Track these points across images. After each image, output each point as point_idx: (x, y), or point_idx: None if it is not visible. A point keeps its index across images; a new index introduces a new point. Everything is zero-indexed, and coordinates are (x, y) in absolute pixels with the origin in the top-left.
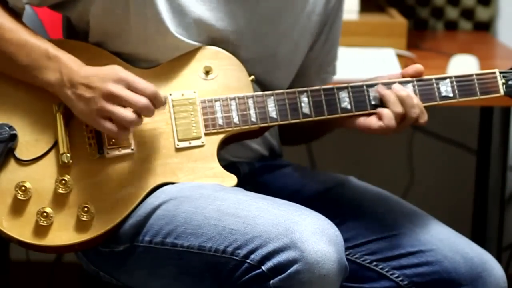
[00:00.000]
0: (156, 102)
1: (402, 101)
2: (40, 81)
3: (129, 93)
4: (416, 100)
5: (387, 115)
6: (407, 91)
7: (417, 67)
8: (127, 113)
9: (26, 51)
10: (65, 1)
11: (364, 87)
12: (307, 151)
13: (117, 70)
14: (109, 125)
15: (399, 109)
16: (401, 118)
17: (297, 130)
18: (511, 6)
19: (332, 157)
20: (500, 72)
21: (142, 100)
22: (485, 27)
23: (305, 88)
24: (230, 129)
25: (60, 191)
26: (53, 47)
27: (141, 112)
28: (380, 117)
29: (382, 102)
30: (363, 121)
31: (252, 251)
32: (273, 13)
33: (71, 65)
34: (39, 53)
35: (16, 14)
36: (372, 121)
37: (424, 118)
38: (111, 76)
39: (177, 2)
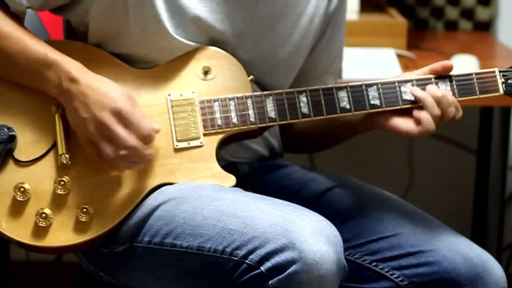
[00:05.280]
0: (147, 141)
1: (438, 102)
2: (39, 87)
3: (120, 132)
4: (451, 98)
5: (426, 119)
6: (443, 90)
7: (445, 63)
8: (110, 152)
9: (25, 57)
10: (65, 4)
11: (363, 87)
12: None
13: (116, 98)
14: (93, 151)
15: (437, 111)
16: (440, 119)
17: (315, 135)
18: (511, 6)
19: (332, 157)
20: (500, 71)
21: (130, 143)
22: (485, 27)
23: (304, 88)
24: (229, 129)
25: (59, 192)
26: (53, 52)
27: (126, 154)
28: (418, 122)
29: (381, 102)
30: (402, 125)
31: (251, 252)
32: (272, 16)
33: (71, 72)
34: (38, 59)
35: (17, 18)
36: (410, 126)
37: (460, 114)
38: (109, 104)
39: (176, 3)
